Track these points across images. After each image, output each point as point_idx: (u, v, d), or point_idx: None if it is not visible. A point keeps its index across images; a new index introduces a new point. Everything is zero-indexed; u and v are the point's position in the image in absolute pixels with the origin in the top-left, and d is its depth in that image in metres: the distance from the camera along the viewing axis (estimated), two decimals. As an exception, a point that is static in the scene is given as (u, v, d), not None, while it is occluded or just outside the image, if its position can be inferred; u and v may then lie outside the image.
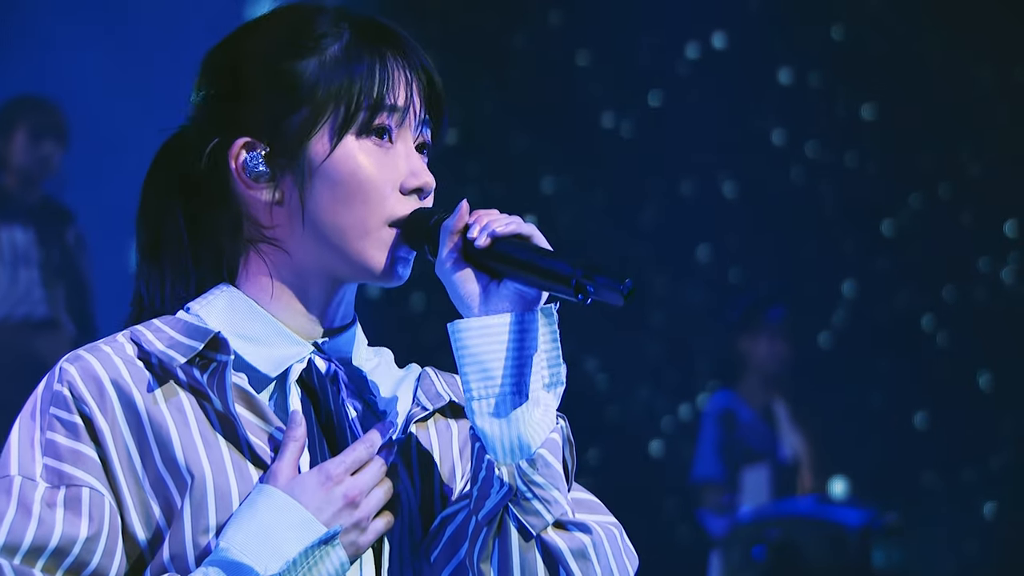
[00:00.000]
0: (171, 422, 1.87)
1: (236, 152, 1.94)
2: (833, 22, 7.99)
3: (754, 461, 6.92)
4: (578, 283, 1.83)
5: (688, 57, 8.03)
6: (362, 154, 1.92)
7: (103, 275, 6.32)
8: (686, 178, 8.05)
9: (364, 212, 1.92)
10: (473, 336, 1.87)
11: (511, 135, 7.66)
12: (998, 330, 7.87)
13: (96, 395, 1.86)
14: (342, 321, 1.98)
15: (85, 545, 1.83)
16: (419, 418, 1.98)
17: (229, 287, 1.95)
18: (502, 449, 1.86)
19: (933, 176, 8.01)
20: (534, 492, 1.85)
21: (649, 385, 7.98)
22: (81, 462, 1.85)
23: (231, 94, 1.95)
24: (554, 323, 1.89)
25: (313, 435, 1.91)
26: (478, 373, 1.86)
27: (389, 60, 1.93)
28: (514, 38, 7.84)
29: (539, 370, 1.88)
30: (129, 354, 1.89)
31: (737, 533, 6.59)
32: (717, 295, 7.79)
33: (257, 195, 1.94)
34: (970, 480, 8.00)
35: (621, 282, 1.82)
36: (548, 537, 1.85)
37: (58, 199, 6.37)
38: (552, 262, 1.85)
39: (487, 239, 1.87)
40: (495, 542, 1.86)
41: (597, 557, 1.87)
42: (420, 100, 1.95)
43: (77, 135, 6.34)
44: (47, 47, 6.45)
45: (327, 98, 1.91)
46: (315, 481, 1.85)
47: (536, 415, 1.86)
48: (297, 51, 1.93)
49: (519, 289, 1.87)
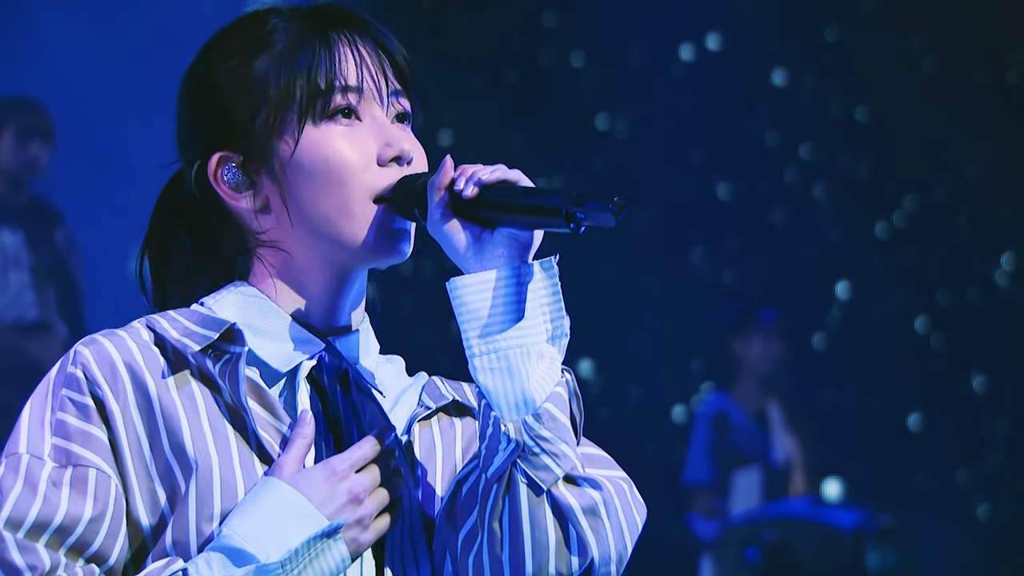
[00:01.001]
0: (181, 409, 1.88)
1: (213, 168, 1.96)
2: (827, 24, 7.99)
3: (745, 464, 6.92)
4: (568, 212, 1.82)
5: (682, 58, 8.03)
6: (328, 138, 1.93)
7: (94, 276, 6.31)
8: (680, 179, 8.05)
9: (344, 193, 1.92)
10: (469, 292, 1.86)
11: (504, 135, 7.66)
12: (992, 332, 7.87)
13: (109, 378, 1.87)
14: (353, 320, 1.99)
15: (89, 525, 1.84)
16: (422, 417, 1.99)
17: (241, 283, 1.98)
18: (507, 405, 1.86)
19: (927, 178, 8.02)
20: (542, 447, 1.85)
21: (643, 387, 7.97)
22: (90, 443, 1.86)
23: (201, 114, 1.98)
24: (554, 275, 1.89)
25: (320, 432, 1.93)
26: (477, 329, 1.86)
27: (336, 41, 1.95)
28: (508, 39, 7.84)
29: (541, 323, 1.87)
30: (145, 339, 1.91)
31: (731, 535, 6.59)
32: (711, 297, 7.79)
33: (243, 204, 1.96)
34: (964, 482, 8.01)
35: (610, 200, 1.81)
36: (558, 493, 1.85)
37: (47, 200, 6.35)
38: (540, 197, 1.85)
39: (474, 188, 1.87)
40: (505, 500, 1.85)
41: (608, 514, 1.87)
42: (380, 73, 1.96)
43: (64, 136, 6.33)
44: (33, 48, 6.44)
45: (280, 93, 1.93)
46: (320, 475, 1.86)
47: (540, 369, 1.86)
48: (250, 53, 1.95)
49: (512, 234, 1.87)
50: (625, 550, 1.89)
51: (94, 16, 6.49)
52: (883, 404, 7.97)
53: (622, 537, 1.88)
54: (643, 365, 7.95)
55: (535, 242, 1.89)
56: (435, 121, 7.53)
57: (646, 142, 7.94)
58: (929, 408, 8.02)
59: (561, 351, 1.89)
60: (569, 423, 1.87)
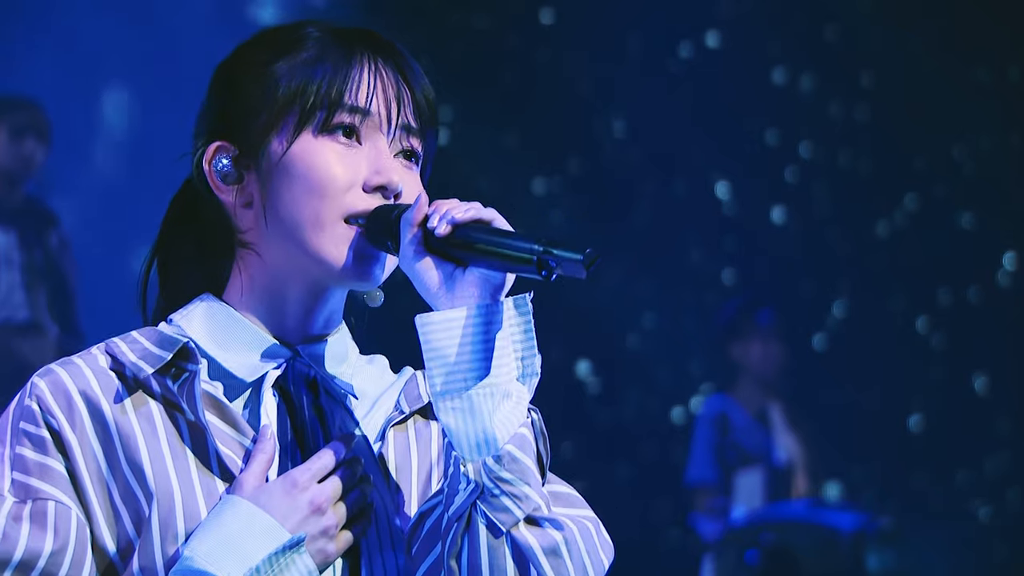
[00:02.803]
0: (139, 433, 1.90)
1: (210, 156, 1.99)
2: (827, 21, 8.00)
3: (748, 465, 6.93)
4: (540, 260, 1.83)
5: (681, 56, 8.04)
6: (320, 150, 1.94)
7: (87, 278, 6.32)
8: (678, 178, 8.06)
9: (319, 205, 1.93)
10: (436, 330, 1.87)
11: (502, 134, 7.67)
12: (994, 332, 7.89)
13: (65, 408, 1.89)
14: (325, 328, 2.00)
15: (50, 559, 1.86)
16: (396, 422, 1.99)
17: (208, 296, 1.99)
18: (468, 445, 1.86)
19: (928, 176, 8.03)
20: (502, 488, 1.85)
21: (641, 388, 7.98)
22: (48, 476, 1.88)
23: (216, 103, 2.01)
24: (527, 312, 1.89)
25: (287, 443, 1.94)
26: (441, 368, 1.86)
27: (360, 62, 1.96)
28: (505, 37, 7.85)
29: (510, 361, 1.87)
30: (102, 365, 1.93)
31: (730, 537, 6.60)
32: (710, 297, 7.80)
33: (228, 198, 1.98)
34: (965, 484, 8.02)
35: (582, 252, 1.82)
36: (518, 534, 1.85)
37: (41, 201, 6.35)
38: (512, 242, 1.85)
39: (447, 227, 1.87)
40: (464, 539, 1.85)
41: (570, 554, 1.86)
42: (396, 105, 1.97)
43: (61, 136, 6.33)
44: (28, 45, 6.44)
45: (288, 96, 1.95)
46: (280, 489, 1.87)
47: (505, 409, 1.86)
48: (276, 55, 1.98)
49: (484, 274, 1.88)
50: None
51: (92, 13, 6.50)
52: (883, 405, 7.98)
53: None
54: (642, 366, 7.96)
55: (507, 283, 1.89)
56: (431, 120, 7.53)
57: (644, 141, 7.95)
58: (930, 409, 8.03)
59: (530, 390, 1.89)
60: (534, 463, 1.87)
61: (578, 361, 7.77)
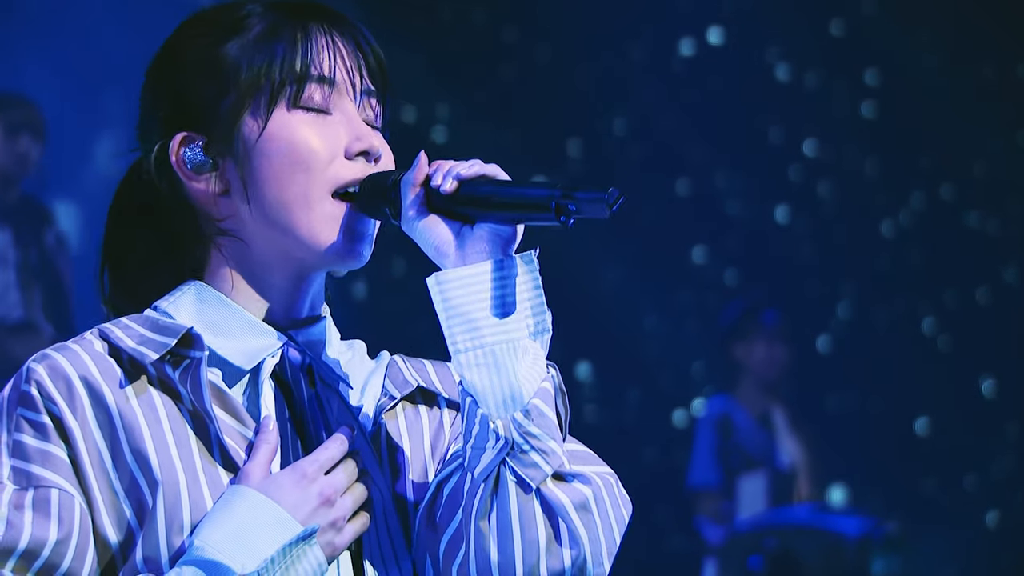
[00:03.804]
0: (142, 420, 1.88)
1: (176, 148, 1.97)
2: (832, 17, 7.99)
3: (751, 468, 6.92)
4: (558, 204, 1.81)
5: (683, 53, 8.03)
6: (297, 124, 1.94)
7: (83, 277, 6.32)
8: (681, 177, 8.05)
9: (306, 181, 1.93)
10: (453, 288, 1.87)
11: (500, 131, 7.66)
12: (1001, 334, 7.88)
13: (65, 393, 1.87)
14: (311, 312, 1.99)
15: (55, 548, 1.85)
16: (388, 408, 1.99)
17: (196, 282, 1.98)
18: (495, 401, 1.86)
19: (934, 176, 8.02)
20: (531, 444, 1.85)
21: (643, 390, 7.98)
22: (50, 463, 1.86)
23: (167, 94, 1.99)
24: (535, 269, 1.89)
25: (286, 430, 1.94)
26: (462, 325, 1.86)
27: (314, 33, 1.96)
28: (503, 33, 7.84)
29: (524, 318, 1.87)
30: (99, 351, 1.91)
31: (734, 542, 6.60)
32: (713, 297, 7.80)
33: (203, 187, 1.96)
34: (972, 488, 8.01)
35: (605, 191, 1.79)
36: (547, 490, 1.86)
37: (38, 199, 6.35)
38: (527, 190, 1.84)
39: (453, 183, 1.87)
40: (493, 499, 1.86)
41: (598, 509, 1.88)
42: (355, 71, 1.97)
43: (56, 133, 6.33)
44: (23, 42, 6.44)
45: (252, 77, 1.94)
46: (290, 480, 1.87)
47: (526, 364, 1.87)
48: (222, 37, 1.96)
49: (493, 229, 1.87)
50: (615, 545, 1.90)
51: (88, 10, 6.49)
52: (889, 408, 7.98)
53: (611, 532, 1.90)
54: (643, 368, 7.95)
55: (517, 237, 1.89)
56: (429, 118, 7.54)
57: (646, 139, 7.95)
58: (936, 412, 8.02)
59: (544, 347, 1.90)
60: (555, 420, 1.88)
61: (578, 363, 7.77)
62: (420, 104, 7.40)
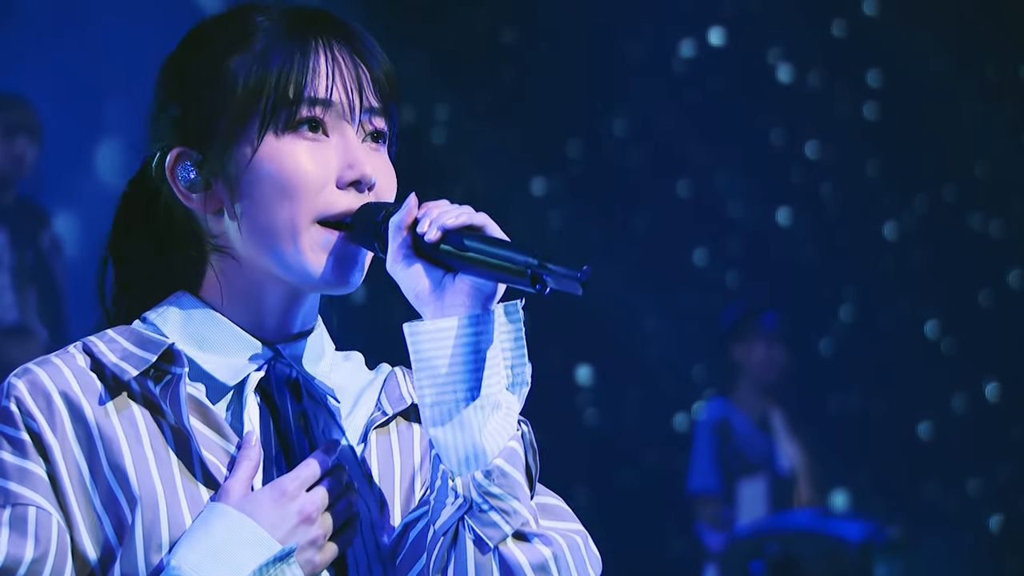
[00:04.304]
0: (122, 436, 1.88)
1: (171, 164, 1.95)
2: (834, 17, 7.99)
3: (751, 473, 6.92)
4: (534, 274, 1.81)
5: (684, 54, 8.03)
6: (287, 150, 1.91)
7: (78, 281, 6.31)
8: (682, 179, 8.05)
9: (292, 210, 1.90)
10: (424, 339, 1.85)
11: (500, 132, 7.66)
12: (1005, 337, 7.88)
13: (45, 410, 1.87)
14: (303, 327, 1.98)
15: (31, 567, 1.84)
16: (379, 423, 1.98)
17: (184, 295, 1.97)
18: (456, 458, 1.84)
19: (937, 177, 8.02)
20: (491, 503, 1.84)
21: (643, 393, 7.97)
22: (28, 480, 1.86)
23: (171, 104, 1.97)
24: (518, 320, 1.88)
25: (271, 447, 1.93)
26: (430, 379, 1.84)
27: (315, 50, 1.92)
28: (503, 33, 7.84)
29: (501, 371, 1.86)
30: (80, 365, 1.90)
31: (735, 548, 6.59)
32: (714, 300, 7.79)
33: (196, 206, 1.95)
34: (976, 492, 8.01)
35: (578, 270, 1.79)
36: (507, 550, 1.84)
37: (34, 200, 6.35)
38: (506, 252, 1.83)
39: (437, 232, 1.85)
40: (451, 553, 1.85)
41: (559, 570, 1.86)
42: (355, 90, 1.93)
43: (53, 135, 6.33)
44: (22, 45, 6.44)
45: (247, 96, 1.91)
46: (269, 498, 1.86)
47: (495, 421, 1.85)
48: (228, 50, 1.94)
49: (475, 282, 1.85)
50: None
51: (85, 11, 6.49)
52: (891, 411, 7.97)
53: None
54: (643, 371, 7.94)
55: (498, 292, 1.87)
56: (428, 119, 7.53)
57: (647, 140, 7.94)
58: (939, 416, 8.02)
59: (520, 399, 1.88)
60: (523, 477, 1.86)
61: (578, 366, 7.76)
62: (419, 105, 7.40)
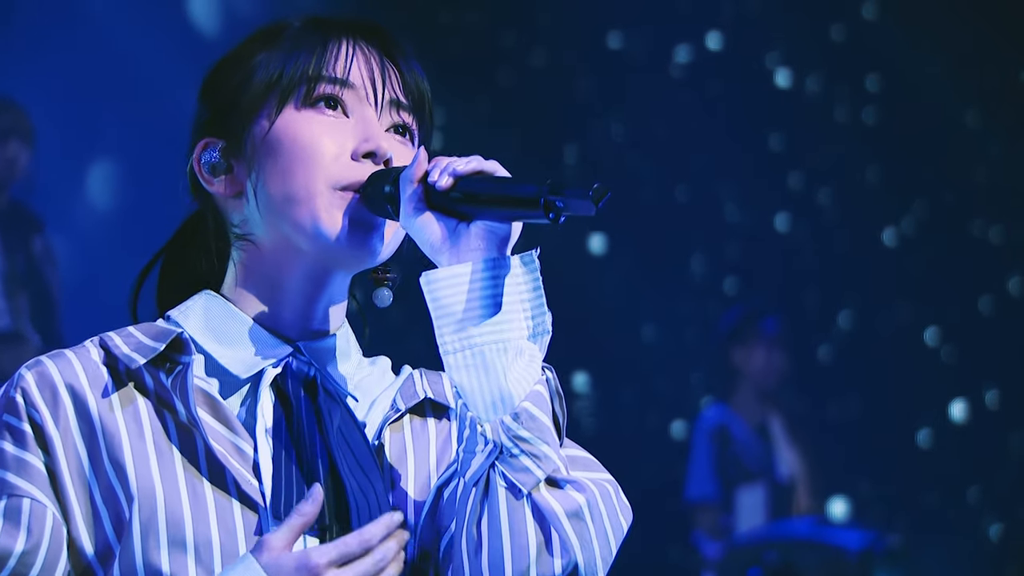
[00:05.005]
0: (124, 431, 1.88)
1: (197, 154, 1.99)
2: (833, 22, 7.99)
3: (749, 480, 6.91)
4: (546, 201, 1.82)
5: (682, 59, 8.03)
6: (305, 122, 1.95)
7: (70, 286, 6.31)
8: (680, 184, 8.05)
9: (306, 176, 1.92)
10: (442, 286, 1.86)
11: (497, 137, 7.65)
12: (1005, 344, 7.87)
13: (50, 402, 1.88)
14: (325, 323, 1.99)
15: (21, 558, 1.85)
16: (393, 420, 1.98)
17: (207, 292, 1.99)
18: (483, 404, 1.85)
19: (937, 183, 8.02)
20: (521, 448, 1.83)
21: (641, 400, 7.97)
22: (25, 471, 1.87)
23: (203, 104, 2.02)
24: (535, 269, 1.88)
25: (282, 444, 1.92)
26: (450, 325, 1.85)
27: (338, 40, 1.97)
28: (500, 37, 7.84)
29: (521, 319, 1.86)
30: (93, 359, 1.92)
31: (733, 556, 6.59)
32: (712, 306, 7.79)
33: (219, 190, 1.98)
34: (975, 501, 8.01)
35: (589, 188, 1.81)
36: (539, 497, 1.84)
37: (26, 205, 6.34)
38: (516, 187, 1.85)
39: (448, 179, 1.86)
40: (483, 504, 1.84)
41: (592, 517, 1.86)
42: (381, 78, 1.96)
43: (46, 140, 6.33)
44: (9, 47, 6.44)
45: (266, 79, 1.96)
46: (293, 566, 1.81)
47: (518, 366, 1.85)
48: (258, 47, 1.99)
49: (490, 227, 1.87)
50: (610, 554, 1.88)
51: (78, 14, 6.49)
52: (891, 419, 7.97)
53: (607, 541, 1.87)
54: (642, 378, 7.94)
55: (513, 235, 1.88)
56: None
57: (644, 145, 7.94)
58: (939, 423, 8.02)
59: (542, 349, 1.89)
60: (551, 423, 1.86)
61: (575, 373, 7.75)
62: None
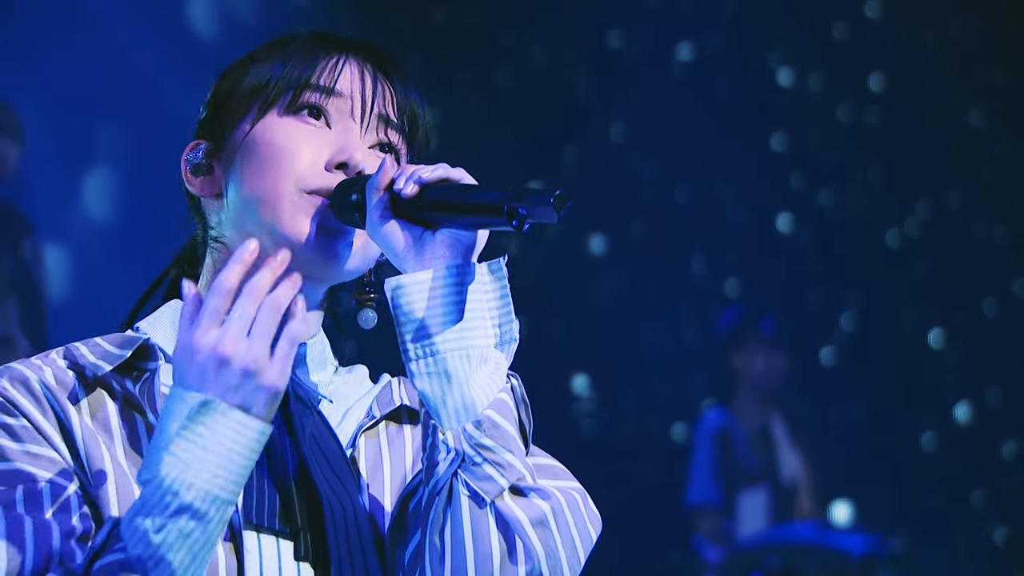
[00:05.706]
0: (97, 435, 1.90)
1: (185, 154, 2.04)
2: (835, 21, 7.99)
3: (751, 484, 6.90)
4: (509, 209, 1.83)
5: (683, 58, 8.03)
6: (283, 126, 1.97)
7: (60, 290, 6.30)
8: (680, 184, 8.04)
9: (276, 178, 1.94)
10: (406, 293, 1.87)
11: (494, 137, 7.65)
12: (1010, 346, 7.87)
13: (29, 398, 1.89)
14: None
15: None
16: (367, 427, 1.99)
17: (176, 302, 2.01)
18: (445, 412, 1.85)
19: (940, 183, 8.02)
20: (484, 456, 1.84)
21: (641, 403, 7.96)
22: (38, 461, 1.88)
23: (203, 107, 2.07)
24: (503, 277, 1.89)
25: None
26: (414, 332, 1.86)
27: (332, 53, 1.99)
28: (498, 38, 7.83)
29: (487, 326, 1.87)
30: (60, 366, 1.93)
31: (734, 560, 6.58)
32: (713, 308, 7.78)
33: (199, 190, 2.02)
34: (979, 504, 8.00)
35: (551, 195, 1.81)
36: (503, 505, 1.84)
37: (15, 206, 6.33)
38: (480, 194, 1.86)
39: (414, 187, 1.87)
40: (446, 513, 1.84)
41: (558, 525, 1.86)
42: (371, 92, 1.98)
43: (36, 140, 6.32)
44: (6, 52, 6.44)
45: (254, 84, 1.99)
46: (185, 360, 1.78)
47: (483, 374, 1.85)
48: (259, 55, 2.03)
49: (455, 234, 1.88)
50: (578, 563, 1.88)
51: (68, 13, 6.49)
52: (895, 421, 7.97)
53: (574, 550, 1.88)
54: (642, 381, 7.93)
55: (479, 243, 1.90)
56: (421, 123, 7.52)
57: (644, 145, 7.94)
58: (943, 426, 8.01)
59: (509, 356, 1.90)
60: (516, 431, 1.86)
61: (575, 375, 7.74)
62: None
